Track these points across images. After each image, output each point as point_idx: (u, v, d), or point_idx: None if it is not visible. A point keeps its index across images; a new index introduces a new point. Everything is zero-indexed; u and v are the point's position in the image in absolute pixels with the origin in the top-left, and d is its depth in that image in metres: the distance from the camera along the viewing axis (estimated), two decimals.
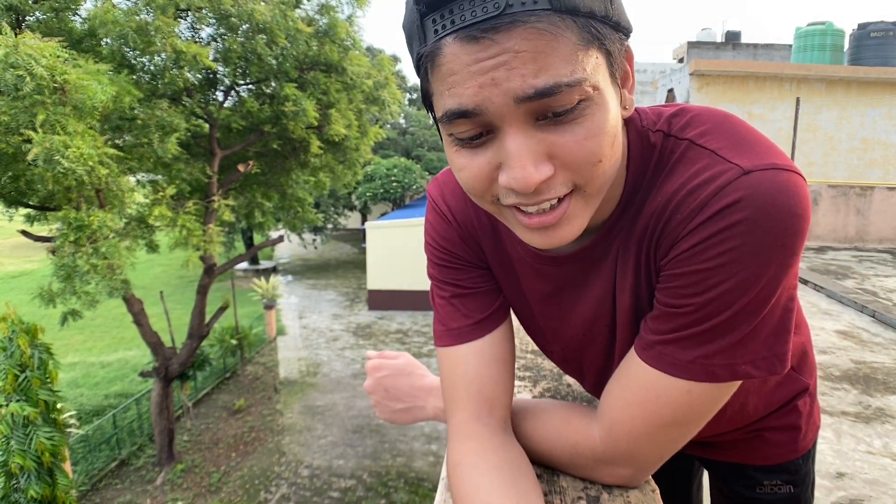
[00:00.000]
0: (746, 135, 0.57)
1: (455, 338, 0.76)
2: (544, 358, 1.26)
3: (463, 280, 0.78)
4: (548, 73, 0.47)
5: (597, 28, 0.49)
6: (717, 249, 0.54)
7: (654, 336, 0.61)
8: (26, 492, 6.62)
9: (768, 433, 0.88)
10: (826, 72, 11.96)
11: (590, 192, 0.54)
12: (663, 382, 0.61)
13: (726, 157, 0.55)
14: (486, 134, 0.52)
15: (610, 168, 0.54)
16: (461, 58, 0.48)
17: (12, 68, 6.07)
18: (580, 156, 0.51)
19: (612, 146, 0.53)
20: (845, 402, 3.37)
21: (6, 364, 6.76)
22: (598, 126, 0.50)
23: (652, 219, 0.61)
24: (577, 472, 0.74)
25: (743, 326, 0.56)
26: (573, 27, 0.47)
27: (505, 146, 0.50)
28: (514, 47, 0.46)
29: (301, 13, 9.98)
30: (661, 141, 0.61)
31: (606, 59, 0.51)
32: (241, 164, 10.65)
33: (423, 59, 0.51)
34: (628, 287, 0.66)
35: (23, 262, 27.09)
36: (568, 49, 0.47)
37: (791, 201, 0.52)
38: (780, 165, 0.54)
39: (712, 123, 0.60)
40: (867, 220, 9.42)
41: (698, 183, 0.56)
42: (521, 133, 0.50)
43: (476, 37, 0.47)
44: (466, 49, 0.47)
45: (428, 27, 0.50)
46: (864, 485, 2.50)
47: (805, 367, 0.88)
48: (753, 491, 0.93)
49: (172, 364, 10.72)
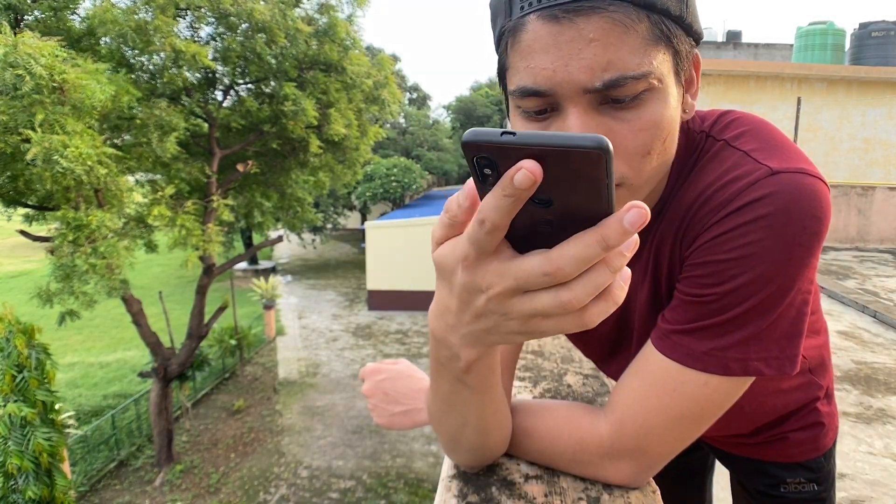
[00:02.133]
0: (780, 141, 0.61)
1: None
2: (545, 358, 1.25)
3: None
4: (615, 66, 0.50)
5: (668, 27, 0.53)
6: (738, 241, 0.56)
7: (670, 326, 0.63)
8: (24, 493, 6.60)
9: (790, 434, 0.89)
10: (827, 71, 11.96)
11: (635, 186, 0.57)
12: (680, 374, 0.62)
13: (757, 158, 0.59)
14: (552, 110, 0.55)
15: (658, 163, 0.57)
16: (541, 35, 0.52)
17: (11, 67, 6.06)
18: (631, 145, 0.54)
19: (664, 142, 0.56)
20: (846, 403, 3.36)
21: (3, 364, 6.75)
22: (654, 119, 0.54)
23: (682, 211, 0.63)
24: (580, 470, 0.73)
25: (758, 321, 0.58)
26: (646, 22, 0.51)
27: (567, 125, 0.54)
28: (588, 34, 0.50)
29: (301, 12, 9.97)
30: (702, 142, 0.65)
31: (673, 58, 0.55)
32: (240, 164, 10.64)
33: (505, 33, 0.56)
34: (653, 279, 0.69)
35: (21, 262, 27.09)
36: (638, 42, 0.51)
37: (813, 203, 0.55)
38: (807, 171, 0.57)
39: (749, 127, 0.63)
40: (868, 220, 9.42)
41: (729, 179, 0.59)
42: (583, 115, 0.53)
43: (557, 17, 0.50)
44: (547, 28, 0.51)
45: (515, 3, 0.54)
46: (864, 485, 2.49)
47: (822, 371, 0.89)
48: (777, 489, 0.94)
49: (171, 364, 10.71)
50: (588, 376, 1.14)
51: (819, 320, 0.87)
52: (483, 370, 0.55)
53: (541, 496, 0.71)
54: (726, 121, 0.66)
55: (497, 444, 0.71)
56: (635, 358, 0.68)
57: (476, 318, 0.44)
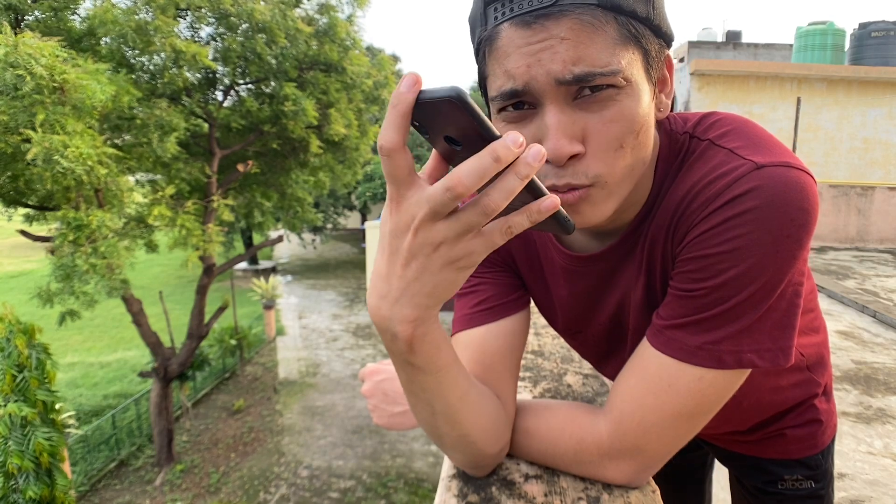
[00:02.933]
0: (764, 138, 0.62)
1: (465, 322, 0.78)
2: (545, 358, 1.25)
3: (478, 275, 0.81)
4: (585, 62, 0.53)
5: (636, 28, 0.55)
6: (727, 235, 0.57)
7: (664, 321, 0.63)
8: (25, 492, 6.60)
9: (788, 431, 0.90)
10: (827, 71, 11.95)
11: (611, 184, 0.58)
12: (675, 369, 0.62)
13: (743, 154, 0.60)
14: (530, 108, 0.57)
15: (632, 160, 0.59)
16: (514, 40, 0.55)
17: (12, 68, 6.05)
18: (605, 138, 0.56)
19: (637, 136, 0.57)
20: (846, 403, 3.36)
21: (4, 364, 6.75)
22: (624, 113, 0.56)
23: (671, 209, 0.64)
24: (580, 470, 0.73)
25: (750, 314, 0.59)
26: (613, 23, 0.54)
27: (545, 120, 0.56)
28: (559, 34, 0.53)
29: (301, 12, 9.97)
30: (686, 142, 0.66)
31: (643, 58, 0.57)
32: (240, 164, 10.63)
33: (482, 42, 0.59)
34: (647, 279, 0.70)
35: (22, 261, 27.08)
36: (606, 42, 0.53)
37: (800, 195, 0.56)
38: (792, 164, 0.58)
39: (733, 126, 0.64)
40: (868, 220, 9.42)
41: (716, 175, 0.60)
42: (559, 110, 0.55)
43: (529, 22, 0.53)
44: (520, 33, 0.54)
45: (489, 14, 0.57)
46: (864, 485, 2.49)
47: (821, 368, 0.90)
48: (775, 486, 0.94)
49: (171, 364, 10.71)
50: (588, 376, 1.14)
51: (817, 318, 0.87)
52: (427, 347, 0.55)
53: (541, 496, 0.71)
54: (710, 121, 0.67)
55: (485, 441, 0.68)
56: (632, 355, 0.68)
57: (406, 264, 0.47)
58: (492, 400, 0.71)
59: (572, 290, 0.78)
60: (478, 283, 0.79)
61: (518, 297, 0.80)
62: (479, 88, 0.65)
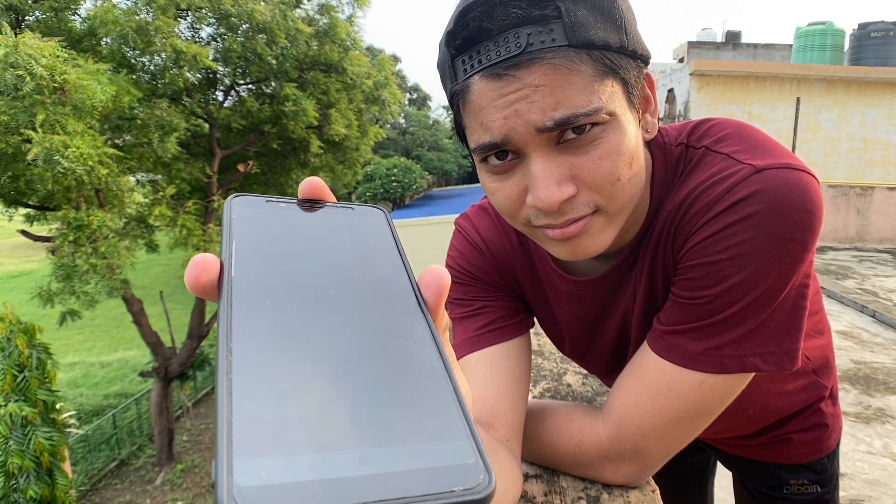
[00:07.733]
0: (762, 140, 0.60)
1: (467, 346, 0.76)
2: (544, 358, 1.26)
3: (483, 299, 0.79)
4: (565, 106, 0.51)
5: (612, 59, 0.53)
6: (729, 241, 0.56)
7: (664, 326, 0.63)
8: (25, 492, 6.61)
9: (793, 435, 0.88)
10: (826, 72, 11.96)
11: (612, 211, 0.57)
12: (675, 374, 0.61)
13: (741, 158, 0.58)
14: (514, 157, 0.56)
15: (630, 187, 0.57)
16: (487, 93, 0.53)
17: (12, 68, 6.05)
18: (598, 175, 0.54)
19: (630, 166, 0.56)
20: (845, 403, 3.36)
21: (4, 364, 6.74)
22: (613, 148, 0.54)
23: (668, 219, 0.63)
24: (580, 472, 0.73)
25: (753, 318, 0.58)
26: (588, 60, 0.51)
27: (530, 169, 0.54)
28: (533, 82, 0.50)
29: (301, 13, 9.98)
30: (682, 153, 0.64)
31: (623, 87, 0.54)
32: (240, 164, 10.64)
33: (455, 96, 0.57)
34: (648, 289, 0.68)
35: (22, 261, 27.06)
36: (583, 81, 0.51)
37: (802, 197, 0.54)
38: (793, 165, 0.56)
39: (729, 131, 0.62)
40: (867, 220, 9.42)
41: (714, 181, 0.58)
42: (543, 157, 0.54)
43: (500, 74, 0.51)
44: (492, 85, 0.52)
45: (458, 67, 0.55)
46: (864, 485, 2.50)
47: (826, 371, 0.88)
48: (780, 491, 0.93)
49: (172, 364, 10.71)
50: (587, 376, 1.15)
51: (822, 321, 0.85)
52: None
53: (541, 495, 0.72)
54: (703, 128, 0.65)
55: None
56: (632, 359, 0.68)
57: None
58: (504, 470, 0.63)
59: (577, 314, 0.77)
60: (482, 306, 0.78)
61: (523, 320, 0.79)
62: (456, 136, 0.64)
